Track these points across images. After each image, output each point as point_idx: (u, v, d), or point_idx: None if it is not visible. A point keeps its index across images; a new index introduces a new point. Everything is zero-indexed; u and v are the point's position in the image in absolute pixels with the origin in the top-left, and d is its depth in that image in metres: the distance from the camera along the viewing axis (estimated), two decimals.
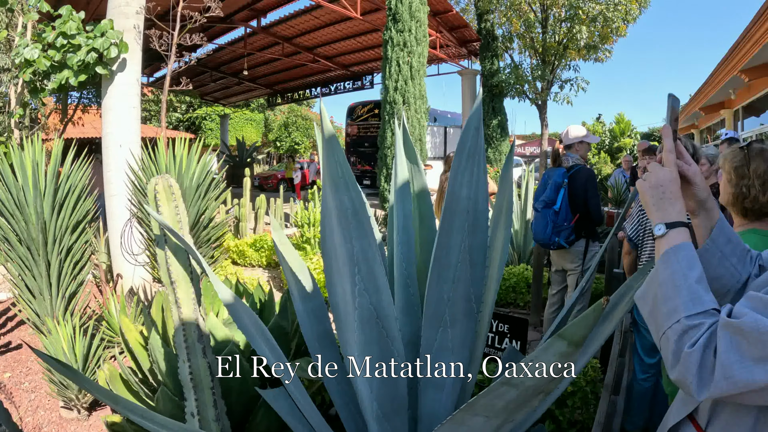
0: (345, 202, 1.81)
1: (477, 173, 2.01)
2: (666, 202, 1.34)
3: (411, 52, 11.10)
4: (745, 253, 1.51)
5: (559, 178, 5.03)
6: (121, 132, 7.04)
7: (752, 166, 2.33)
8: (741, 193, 2.37)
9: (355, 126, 24.42)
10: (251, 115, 43.71)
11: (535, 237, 5.25)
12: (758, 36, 9.05)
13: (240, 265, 9.60)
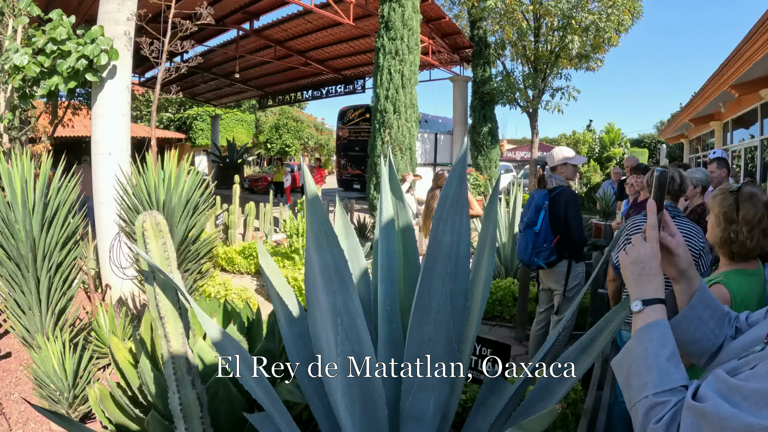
0: (328, 259, 1.86)
1: (459, 221, 2.04)
2: (645, 278, 1.38)
3: (403, 61, 11.11)
4: (723, 316, 1.54)
5: (540, 200, 5.08)
6: (110, 140, 7.04)
7: (741, 212, 2.39)
8: (729, 238, 2.42)
9: (346, 130, 24.45)
10: (242, 116, 43.57)
11: (518, 256, 5.32)
12: (750, 54, 9.13)
13: (229, 272, 9.60)
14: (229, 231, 10.76)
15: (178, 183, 5.03)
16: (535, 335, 5.58)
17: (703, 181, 5.59)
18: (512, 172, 29.73)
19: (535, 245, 5.02)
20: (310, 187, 1.92)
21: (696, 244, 3.46)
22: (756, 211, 2.39)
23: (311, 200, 1.87)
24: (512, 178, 27.27)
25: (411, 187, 9.14)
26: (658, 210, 1.44)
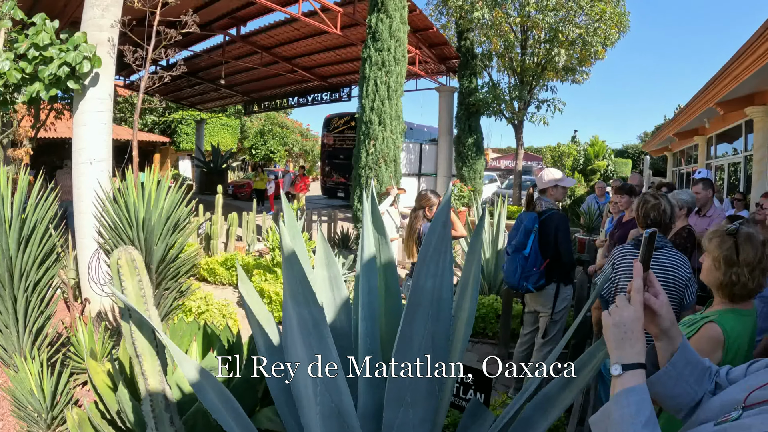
0: (305, 315, 1.86)
1: (442, 265, 2.05)
2: (626, 342, 1.37)
3: (389, 72, 11.07)
4: (704, 371, 1.56)
5: (530, 224, 5.02)
6: (91, 149, 6.97)
7: (742, 255, 2.36)
8: (731, 281, 2.39)
9: (332, 137, 24.45)
10: (227, 120, 43.40)
11: (506, 279, 5.23)
12: (737, 73, 9.20)
13: (211, 283, 9.53)
14: (211, 241, 10.66)
15: (158, 200, 4.96)
16: (519, 356, 5.56)
17: (689, 203, 5.59)
18: (496, 181, 29.79)
19: (524, 269, 4.97)
20: (286, 243, 1.92)
21: (682, 275, 3.46)
22: (756, 251, 2.37)
23: (288, 256, 1.87)
24: (496, 188, 27.33)
25: (395, 201, 9.08)
26: (645, 269, 1.45)
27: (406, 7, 11.92)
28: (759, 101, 10.63)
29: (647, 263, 1.46)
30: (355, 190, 11.11)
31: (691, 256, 5.19)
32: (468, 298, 2.35)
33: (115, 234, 4.89)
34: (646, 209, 3.78)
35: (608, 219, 7.76)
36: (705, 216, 6.38)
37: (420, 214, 5.61)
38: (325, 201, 26.24)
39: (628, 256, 3.67)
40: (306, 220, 12.67)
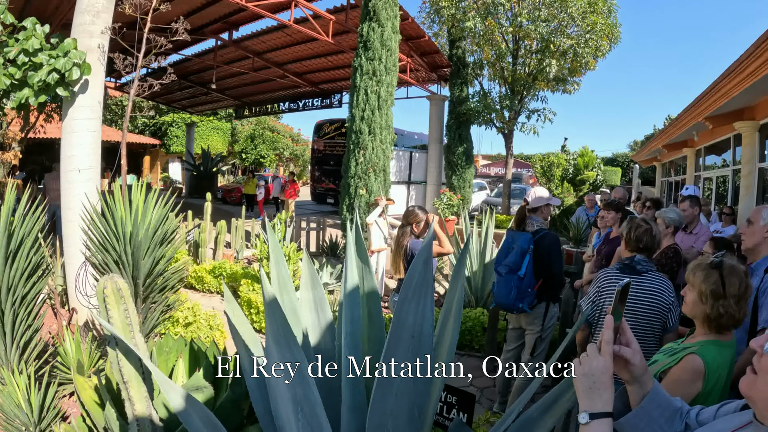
0: (287, 356, 1.87)
1: (424, 302, 2.08)
2: (595, 392, 1.39)
3: (380, 82, 11.06)
4: (675, 412, 1.61)
5: (525, 244, 5.02)
6: (80, 157, 6.95)
7: (728, 288, 2.38)
8: (718, 314, 2.41)
9: (322, 143, 24.41)
10: (218, 124, 43.31)
11: (497, 300, 5.21)
12: (726, 89, 9.27)
13: (198, 291, 9.51)
14: (199, 249, 10.62)
15: (145, 214, 4.94)
16: (503, 373, 5.55)
17: (677, 222, 5.61)
18: (486, 189, 29.76)
19: (520, 290, 4.97)
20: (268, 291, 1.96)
21: (666, 299, 3.48)
22: (741, 282, 2.40)
23: (269, 303, 1.92)
24: (486, 196, 27.34)
25: (384, 211, 9.10)
26: (617, 319, 1.47)
27: (398, 17, 11.94)
28: (748, 116, 10.71)
29: (620, 315, 1.48)
30: (344, 199, 11.10)
31: (677, 274, 5.22)
32: (450, 326, 2.38)
33: (102, 248, 4.87)
34: (638, 234, 3.81)
35: (596, 233, 7.78)
36: (691, 233, 6.41)
37: (407, 230, 5.60)
38: (315, 207, 26.19)
39: (612, 279, 3.69)
40: (295, 227, 12.66)
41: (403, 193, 23.47)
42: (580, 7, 17.05)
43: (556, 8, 17.32)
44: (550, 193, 5.51)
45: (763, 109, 10.03)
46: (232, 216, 14.63)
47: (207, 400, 3.00)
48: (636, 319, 3.48)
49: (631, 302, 3.51)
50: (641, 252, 3.79)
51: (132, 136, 35.02)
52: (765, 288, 3.37)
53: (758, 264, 3.58)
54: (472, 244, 8.57)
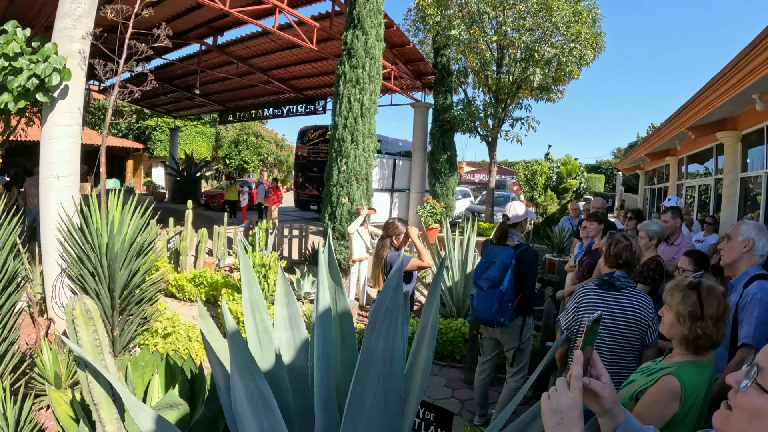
0: (252, 388, 1.87)
1: (394, 328, 2.07)
2: (563, 428, 1.37)
3: (363, 90, 11.03)
4: None
5: (507, 259, 5.01)
6: (59, 164, 6.88)
7: (707, 310, 2.38)
8: (696, 335, 2.41)
9: (306, 149, 24.32)
10: (203, 128, 43.17)
11: (477, 314, 5.16)
12: (709, 100, 9.34)
13: (179, 300, 9.44)
14: (180, 258, 10.54)
15: (122, 225, 4.88)
16: (480, 384, 5.56)
17: (659, 234, 5.63)
18: (470, 196, 29.83)
19: (501, 304, 4.96)
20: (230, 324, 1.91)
21: (645, 315, 3.47)
22: (719, 303, 2.40)
23: (232, 335, 1.89)
24: (470, 204, 27.38)
25: (365, 221, 9.08)
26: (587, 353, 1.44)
27: (382, 24, 11.92)
28: (730, 126, 10.80)
29: (589, 352, 1.45)
30: (326, 207, 11.04)
31: (659, 286, 5.23)
32: (425, 344, 2.36)
33: (77, 260, 4.81)
34: (618, 250, 3.81)
35: (578, 243, 7.79)
36: (673, 244, 6.44)
37: (387, 242, 5.58)
38: (298, 213, 26.11)
39: (591, 296, 3.67)
40: (277, 235, 12.60)
41: (387, 201, 23.45)
42: (564, 17, 17.13)
43: (541, 17, 17.40)
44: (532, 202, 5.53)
45: (746, 119, 10.11)
46: (215, 222, 14.55)
47: (181, 418, 2.95)
48: (614, 336, 3.47)
49: (610, 318, 3.49)
50: (620, 268, 3.78)
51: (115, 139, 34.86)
52: (744, 303, 3.39)
53: (737, 279, 3.60)
54: (454, 253, 8.56)
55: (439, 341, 7.18)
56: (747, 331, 3.27)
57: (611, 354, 3.47)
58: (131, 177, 40.65)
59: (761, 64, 6.75)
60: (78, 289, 4.90)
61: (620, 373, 3.39)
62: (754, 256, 3.56)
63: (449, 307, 8.41)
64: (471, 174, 49.54)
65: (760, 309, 3.28)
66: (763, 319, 3.26)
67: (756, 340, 3.20)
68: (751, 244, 3.54)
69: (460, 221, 21.73)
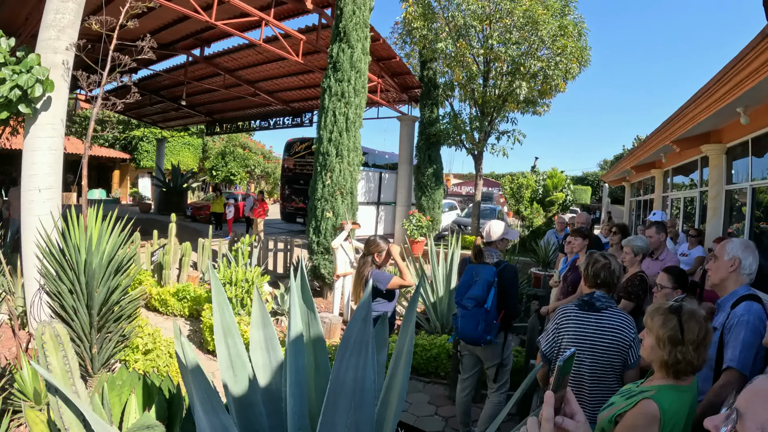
0: (215, 422, 1.82)
1: (364, 358, 2.07)
2: None
3: (348, 104, 11.00)
4: None
5: (490, 277, 5.01)
6: (41, 177, 6.83)
7: (687, 334, 2.36)
8: (676, 360, 2.38)
9: (292, 161, 24.26)
10: (190, 139, 43.04)
11: (463, 334, 5.13)
12: (693, 114, 9.39)
13: (162, 314, 9.38)
14: (163, 272, 10.45)
15: (100, 242, 4.83)
16: (461, 401, 5.54)
17: (644, 249, 5.64)
18: (456, 209, 29.84)
19: (487, 323, 4.94)
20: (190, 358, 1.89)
21: (626, 336, 3.44)
22: (700, 328, 2.37)
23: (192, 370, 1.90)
24: (456, 216, 27.39)
25: (349, 236, 9.05)
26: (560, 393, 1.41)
27: (368, 38, 11.91)
28: (715, 139, 10.85)
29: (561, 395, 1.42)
30: (311, 221, 10.99)
31: (643, 301, 5.23)
32: (401, 369, 2.34)
33: (55, 277, 4.76)
34: (596, 269, 3.77)
35: (562, 259, 7.78)
36: (658, 259, 6.44)
37: (369, 260, 5.55)
38: (284, 226, 26.02)
39: (571, 316, 3.63)
40: (262, 248, 12.55)
41: (373, 215, 23.42)
42: (550, 31, 17.19)
43: (527, 31, 17.46)
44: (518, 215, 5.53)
45: (730, 132, 10.18)
46: (201, 234, 14.48)
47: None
48: (595, 356, 3.44)
49: (590, 340, 3.46)
50: (600, 288, 3.74)
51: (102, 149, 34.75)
52: (731, 325, 3.32)
53: (725, 299, 3.53)
54: (438, 269, 8.55)
55: (423, 358, 7.16)
56: (732, 354, 3.20)
57: (592, 375, 3.44)
58: (117, 187, 40.50)
59: (746, 78, 6.78)
60: (56, 305, 4.85)
61: (602, 394, 3.36)
62: (741, 275, 3.49)
63: (433, 323, 8.40)
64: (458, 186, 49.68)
65: (746, 332, 3.22)
66: (749, 342, 3.19)
67: (741, 364, 3.14)
68: (737, 263, 3.48)
69: (446, 234, 21.74)
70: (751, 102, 7.96)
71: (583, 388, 3.46)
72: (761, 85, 6.59)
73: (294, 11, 15.32)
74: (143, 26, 15.72)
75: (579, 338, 3.50)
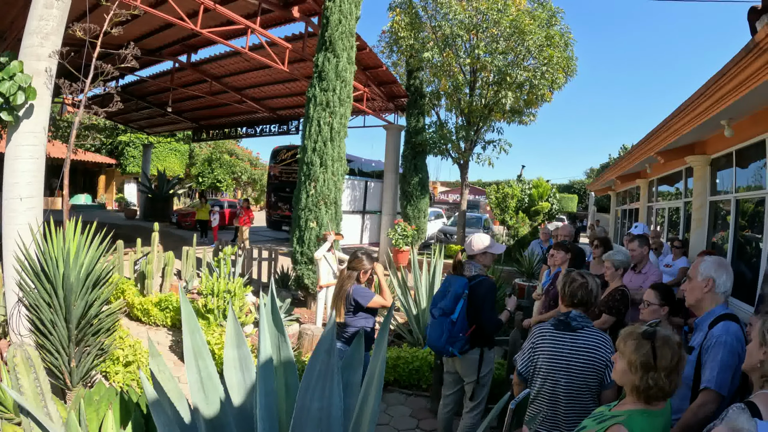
0: None
1: (330, 388, 2.09)
2: None
3: (333, 113, 10.98)
4: None
5: (460, 289, 4.97)
6: (22, 185, 6.73)
7: (660, 360, 2.34)
8: (647, 386, 2.36)
9: (278, 169, 24.24)
10: (176, 145, 42.90)
11: (429, 342, 5.16)
12: (676, 127, 9.44)
13: (145, 324, 9.32)
14: (146, 281, 10.38)
15: (78, 256, 4.80)
16: (443, 417, 5.51)
17: (624, 263, 5.64)
18: (442, 218, 29.85)
19: (451, 334, 4.91)
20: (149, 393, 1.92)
21: (602, 356, 3.43)
22: (673, 354, 2.35)
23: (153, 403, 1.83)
24: (442, 225, 27.41)
25: (332, 246, 9.03)
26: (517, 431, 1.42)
27: (354, 47, 11.90)
28: (699, 151, 10.89)
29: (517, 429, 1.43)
30: (294, 231, 10.94)
31: (624, 316, 5.23)
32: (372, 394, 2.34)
33: (34, 290, 4.72)
34: (573, 289, 3.75)
35: (546, 272, 7.78)
36: (640, 273, 6.45)
37: (353, 274, 5.50)
38: (270, 234, 25.95)
39: (547, 335, 3.61)
40: (246, 257, 12.50)
41: (358, 223, 23.42)
42: (537, 41, 17.25)
43: (513, 41, 17.52)
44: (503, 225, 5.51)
45: (714, 143, 10.22)
46: (186, 242, 14.42)
47: None
48: (570, 376, 3.43)
49: (566, 359, 3.46)
50: (577, 307, 3.73)
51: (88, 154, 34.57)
52: (709, 345, 3.32)
53: (702, 319, 3.51)
54: (421, 280, 8.54)
55: (406, 370, 7.14)
56: (710, 375, 3.20)
57: (567, 395, 3.44)
58: (103, 192, 40.35)
59: (730, 91, 6.81)
60: (34, 318, 4.81)
61: (578, 414, 3.36)
62: (716, 295, 3.48)
63: (416, 335, 8.39)
64: (445, 194, 49.82)
65: (724, 352, 3.21)
66: (726, 363, 3.19)
67: (718, 385, 3.13)
68: (711, 283, 3.47)
69: (432, 243, 21.74)
70: (736, 115, 8.00)
71: (558, 408, 3.46)
72: (745, 98, 6.62)
73: (280, 19, 15.32)
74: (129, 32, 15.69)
75: (554, 358, 3.50)
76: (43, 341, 4.80)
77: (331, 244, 8.99)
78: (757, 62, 5.51)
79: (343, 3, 11.44)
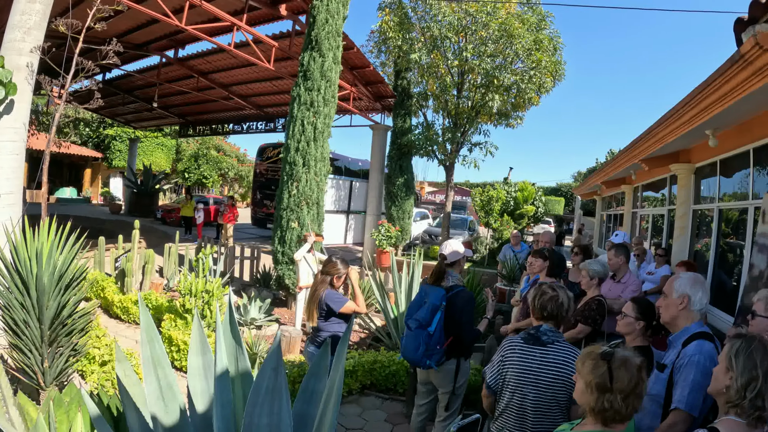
0: None
1: (278, 405, 2.11)
2: None
3: (317, 113, 10.95)
4: None
5: (438, 301, 4.87)
6: (1, 181, 6.69)
7: (616, 383, 2.30)
8: (603, 408, 2.33)
9: (264, 166, 24.16)
10: (163, 140, 42.69)
11: (405, 355, 5.09)
12: (661, 135, 9.45)
13: (124, 322, 9.29)
14: (126, 279, 10.32)
15: (51, 256, 4.77)
16: (417, 425, 5.49)
17: (600, 273, 5.61)
18: (428, 218, 29.80)
19: (428, 347, 4.82)
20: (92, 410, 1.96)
21: (572, 371, 3.40)
22: (630, 377, 2.31)
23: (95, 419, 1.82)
24: (428, 226, 27.39)
25: (312, 248, 9.02)
26: None
27: (340, 47, 11.88)
28: (684, 159, 10.92)
29: None
30: (276, 231, 10.91)
31: (600, 326, 5.23)
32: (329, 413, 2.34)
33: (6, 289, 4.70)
34: (543, 302, 3.69)
35: (525, 278, 7.78)
36: (620, 282, 6.44)
37: (326, 278, 5.47)
38: (255, 231, 25.88)
39: (516, 349, 3.59)
40: (228, 256, 12.47)
41: (342, 223, 23.40)
42: (525, 44, 17.27)
43: (502, 44, 17.53)
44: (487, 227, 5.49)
45: (699, 152, 10.25)
46: (170, 238, 14.33)
47: None
48: (539, 391, 3.42)
49: (535, 374, 3.44)
50: (547, 321, 3.68)
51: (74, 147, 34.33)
52: (681, 364, 3.28)
53: (676, 336, 3.49)
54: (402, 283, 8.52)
55: (382, 374, 7.13)
56: (681, 395, 3.16)
57: (536, 410, 3.43)
58: (89, 186, 40.07)
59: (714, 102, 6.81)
60: (7, 317, 4.78)
61: (546, 429, 3.35)
62: (691, 312, 3.43)
63: (394, 339, 8.37)
64: (432, 195, 49.86)
65: (696, 372, 3.17)
66: (698, 384, 3.13)
67: (689, 406, 3.10)
68: (686, 301, 3.43)
69: (417, 243, 21.74)
70: (720, 125, 8.03)
71: (526, 422, 3.45)
72: (730, 109, 6.64)
73: (268, 17, 15.31)
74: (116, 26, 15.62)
75: (523, 372, 3.48)
76: (16, 341, 4.78)
77: (311, 245, 8.97)
78: (743, 74, 5.51)
79: (330, 2, 11.43)
